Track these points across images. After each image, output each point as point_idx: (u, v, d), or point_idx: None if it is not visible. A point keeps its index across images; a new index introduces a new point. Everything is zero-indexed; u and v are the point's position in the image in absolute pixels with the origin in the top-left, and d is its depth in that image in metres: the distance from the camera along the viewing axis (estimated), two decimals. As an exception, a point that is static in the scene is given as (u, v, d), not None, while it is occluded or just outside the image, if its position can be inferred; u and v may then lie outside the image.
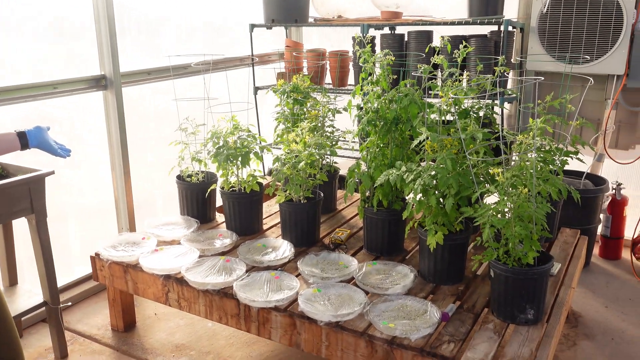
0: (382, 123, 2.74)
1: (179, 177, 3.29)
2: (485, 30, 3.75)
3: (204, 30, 4.16)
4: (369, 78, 2.88)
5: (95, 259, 2.88)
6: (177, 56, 3.52)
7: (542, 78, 2.48)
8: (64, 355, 2.79)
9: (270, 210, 3.49)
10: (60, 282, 3.13)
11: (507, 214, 2.16)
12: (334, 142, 3.29)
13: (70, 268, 3.40)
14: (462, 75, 3.18)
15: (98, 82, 3.28)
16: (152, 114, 3.86)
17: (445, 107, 2.69)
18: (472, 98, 2.85)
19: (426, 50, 3.46)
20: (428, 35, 3.76)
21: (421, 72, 2.73)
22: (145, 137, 3.76)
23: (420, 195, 2.44)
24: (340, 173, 3.57)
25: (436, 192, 2.40)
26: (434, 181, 2.32)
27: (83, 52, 3.28)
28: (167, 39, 3.88)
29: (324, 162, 3.33)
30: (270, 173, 4.36)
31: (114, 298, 2.96)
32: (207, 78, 3.41)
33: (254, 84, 4.30)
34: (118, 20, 3.26)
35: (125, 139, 3.39)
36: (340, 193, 3.72)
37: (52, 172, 2.52)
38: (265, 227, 3.22)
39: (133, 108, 3.53)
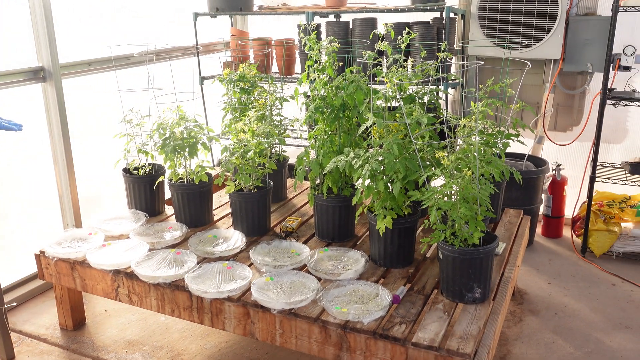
0: (329, 110, 2.76)
1: (125, 170, 3.21)
2: (428, 17, 3.82)
3: (147, 19, 4.06)
4: (315, 66, 2.89)
5: (40, 256, 2.80)
6: (118, 46, 3.43)
7: (483, 62, 2.55)
8: (11, 357, 2.70)
9: (221, 201, 3.46)
10: (4, 282, 3.02)
11: (452, 197, 2.22)
12: (282, 131, 3.29)
13: (14, 267, 3.28)
14: (407, 62, 3.23)
15: (36, 74, 3.17)
16: (95, 106, 3.75)
17: (390, 94, 2.73)
18: (417, 84, 2.90)
19: (370, 37, 3.49)
20: (372, 23, 3.79)
21: (366, 58, 2.76)
22: (88, 130, 3.65)
23: (369, 180, 2.48)
24: (289, 162, 3.58)
25: (384, 177, 2.44)
26: (382, 166, 2.36)
27: (19, 42, 3.15)
28: (109, 29, 3.77)
29: (273, 151, 3.32)
30: (219, 164, 4.31)
31: (62, 296, 2.89)
32: (151, 68, 3.34)
33: (200, 74, 4.24)
34: (56, 9, 3.14)
35: (67, 131, 3.29)
36: (290, 181, 3.73)
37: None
38: (215, 217, 3.20)
39: (74, 100, 3.42)
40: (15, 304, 3.09)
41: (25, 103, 3.25)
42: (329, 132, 2.83)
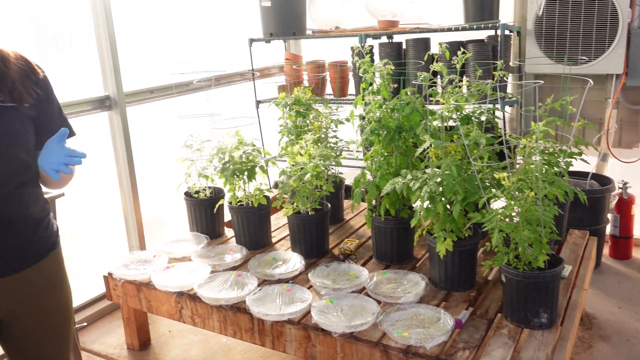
0: (385, 132, 2.77)
1: (186, 194, 3.31)
2: (482, 35, 3.79)
3: (203, 45, 4.20)
4: (370, 88, 2.91)
5: (108, 278, 2.91)
6: (180, 74, 3.55)
7: (542, 82, 2.51)
8: (80, 377, 2.80)
9: (279, 222, 3.51)
10: (75, 302, 3.14)
11: (515, 218, 2.18)
12: (338, 153, 3.31)
13: (84, 288, 3.42)
14: (462, 81, 3.21)
15: (102, 103, 3.32)
16: (157, 132, 3.89)
17: (447, 114, 2.71)
18: (473, 104, 2.88)
19: (425, 57, 3.49)
20: (425, 43, 3.79)
21: (421, 80, 2.76)
22: (151, 155, 3.79)
23: (428, 202, 2.46)
24: (345, 183, 3.59)
25: (443, 198, 2.42)
26: (440, 188, 2.34)
27: (86, 73, 3.32)
28: (168, 56, 3.92)
29: (329, 172, 3.35)
30: (276, 186, 4.38)
31: (128, 317, 2.98)
32: (210, 94, 3.44)
33: (256, 98, 4.34)
34: (119, 39, 3.30)
35: (132, 157, 3.42)
36: (346, 203, 3.74)
37: (62, 194, 2.54)
38: (274, 239, 3.24)
39: (137, 126, 3.57)
40: (85, 323, 3.22)
41: (93, 130, 3.41)
42: (385, 154, 2.84)
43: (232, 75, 4.31)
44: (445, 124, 2.76)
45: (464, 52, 2.87)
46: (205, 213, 3.25)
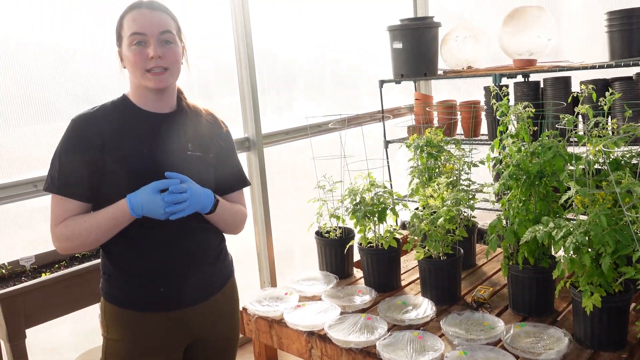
0: (524, 177, 2.66)
1: (317, 233, 3.39)
2: (629, 72, 3.54)
3: (332, 85, 4.35)
4: (508, 132, 2.82)
5: (242, 312, 3.03)
6: (313, 117, 3.69)
7: None
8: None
9: (408, 265, 3.46)
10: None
11: (676, 276, 1.98)
12: (471, 196, 3.22)
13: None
14: (608, 124, 3.01)
15: (242, 144, 3.52)
16: (290, 171, 4.05)
17: (592, 158, 2.55)
18: (624, 148, 2.68)
19: (569, 100, 3.32)
20: (566, 82, 3.61)
21: (564, 123, 2.62)
22: (283, 192, 3.95)
23: (572, 253, 2.31)
24: (478, 226, 3.48)
25: (590, 249, 2.26)
26: (587, 238, 2.19)
27: (225, 115, 3.55)
28: (299, 97, 4.10)
29: (461, 216, 3.27)
30: (403, 226, 4.35)
31: (260, 352, 3.08)
32: (342, 135, 3.53)
33: (385, 138, 4.37)
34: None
35: (267, 195, 3.58)
36: (479, 247, 3.61)
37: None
38: (403, 282, 3.20)
39: (272, 166, 3.74)
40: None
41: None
42: (523, 199, 2.72)
43: (362, 117, 4.39)
44: (592, 169, 2.60)
45: (612, 93, 2.70)
46: (335, 253, 3.30)
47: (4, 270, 2.65)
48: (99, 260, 2.55)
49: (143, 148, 1.78)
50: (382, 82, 4.33)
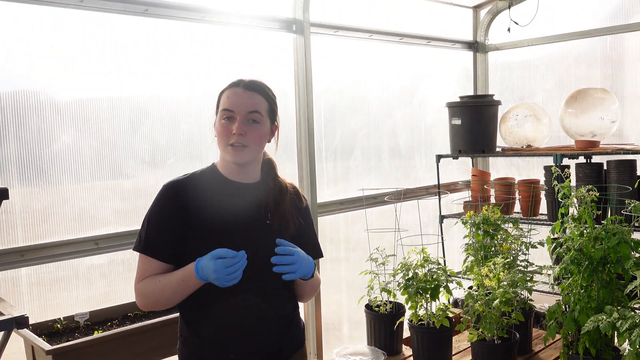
0: (586, 262, 2.56)
1: (367, 306, 3.33)
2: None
3: (389, 156, 4.39)
4: (570, 214, 2.74)
5: (287, 385, 2.97)
6: (369, 189, 3.72)
7: None
8: None
9: (460, 346, 3.33)
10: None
11: None
12: (529, 278, 3.12)
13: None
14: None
15: (298, 213, 3.56)
16: (343, 240, 4.05)
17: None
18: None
19: (635, 185, 3.22)
20: (631, 165, 3.52)
21: (630, 209, 2.54)
22: (335, 262, 3.93)
23: (638, 347, 2.17)
24: (535, 309, 3.34)
25: (658, 345, 2.12)
26: (656, 333, 2.06)
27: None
28: (355, 166, 4.16)
29: (517, 298, 3.15)
30: (455, 304, 4.22)
31: None
32: (397, 208, 3.52)
33: (440, 213, 4.33)
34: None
35: (319, 264, 3.57)
36: (535, 332, 3.45)
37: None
38: (454, 365, 3.08)
39: (325, 234, 3.75)
40: None
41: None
42: (585, 285, 2.60)
43: (418, 190, 4.38)
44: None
45: (680, 180, 2.61)
46: (384, 328, 3.22)
47: (59, 325, 2.71)
48: (150, 321, 2.60)
49: (224, 215, 1.88)
50: (439, 157, 4.34)
